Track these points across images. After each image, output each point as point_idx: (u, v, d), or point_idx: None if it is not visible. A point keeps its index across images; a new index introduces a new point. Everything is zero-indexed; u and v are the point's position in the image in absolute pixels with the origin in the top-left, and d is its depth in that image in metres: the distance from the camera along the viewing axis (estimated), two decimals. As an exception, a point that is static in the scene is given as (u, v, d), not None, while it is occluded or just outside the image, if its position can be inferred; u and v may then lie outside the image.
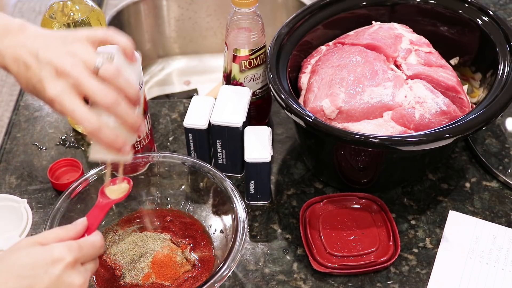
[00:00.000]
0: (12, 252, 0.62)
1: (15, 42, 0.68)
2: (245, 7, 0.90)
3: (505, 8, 1.29)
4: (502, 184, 0.94)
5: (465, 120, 0.80)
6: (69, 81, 0.65)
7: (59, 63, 0.65)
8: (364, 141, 0.78)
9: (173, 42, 1.43)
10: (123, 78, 0.67)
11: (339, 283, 0.82)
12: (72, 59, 0.65)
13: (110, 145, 0.66)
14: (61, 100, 0.65)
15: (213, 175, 0.83)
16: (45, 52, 0.66)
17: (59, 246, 0.62)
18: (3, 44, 0.68)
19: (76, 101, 0.65)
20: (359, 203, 0.90)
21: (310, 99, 0.88)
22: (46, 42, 0.67)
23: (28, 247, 0.62)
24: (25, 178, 0.97)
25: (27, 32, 0.69)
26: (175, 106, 1.10)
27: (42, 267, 0.60)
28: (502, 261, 0.84)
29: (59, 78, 0.65)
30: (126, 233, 0.85)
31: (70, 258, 0.61)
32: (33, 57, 0.66)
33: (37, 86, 0.66)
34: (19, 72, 0.68)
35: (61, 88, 0.65)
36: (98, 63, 0.66)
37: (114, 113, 0.66)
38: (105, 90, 0.65)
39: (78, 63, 0.65)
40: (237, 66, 0.95)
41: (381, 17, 1.00)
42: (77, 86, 0.65)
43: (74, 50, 0.66)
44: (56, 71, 0.65)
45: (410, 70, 0.88)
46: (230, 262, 0.73)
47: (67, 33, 0.69)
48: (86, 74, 0.65)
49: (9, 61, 0.68)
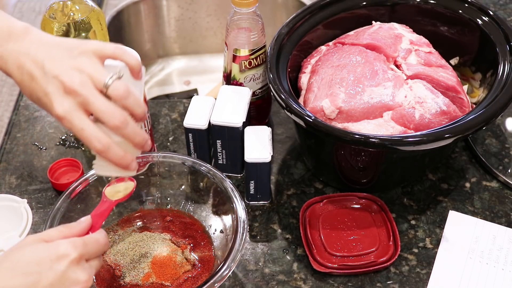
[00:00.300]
0: (17, 249, 0.62)
1: (18, 47, 0.66)
2: (245, 7, 0.90)
3: (505, 8, 1.29)
4: (502, 184, 0.94)
5: (465, 120, 0.80)
6: (77, 100, 0.63)
7: (67, 79, 0.63)
8: (364, 141, 0.78)
9: (173, 42, 1.43)
10: (132, 97, 0.65)
11: (339, 283, 0.82)
12: (80, 76, 0.63)
13: (118, 164, 0.66)
14: (70, 118, 0.63)
15: (213, 175, 0.83)
16: (52, 65, 0.64)
17: (64, 243, 0.62)
18: (5, 48, 0.67)
19: (85, 120, 0.64)
20: (359, 203, 0.90)
21: (310, 99, 0.88)
22: (52, 53, 0.65)
23: (32, 244, 0.62)
24: (25, 178, 0.97)
25: (30, 37, 0.67)
26: (175, 106, 1.10)
27: (47, 263, 0.60)
28: (502, 261, 0.84)
29: (67, 95, 0.63)
30: (126, 233, 0.85)
31: (75, 255, 0.61)
32: (39, 68, 0.64)
33: (43, 99, 0.65)
34: (22, 80, 0.66)
35: (69, 106, 0.63)
36: (107, 81, 0.64)
37: (121, 134, 0.65)
38: (114, 111, 0.63)
39: (86, 80, 0.63)
40: (237, 66, 0.95)
41: (381, 17, 1.00)
42: (85, 105, 0.63)
43: (82, 65, 0.64)
44: (64, 88, 0.63)
45: (410, 70, 0.88)
46: (230, 262, 0.73)
47: (73, 44, 0.67)
48: (95, 93, 0.63)
49: (12, 67, 0.66)
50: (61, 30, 0.91)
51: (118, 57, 0.67)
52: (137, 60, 0.67)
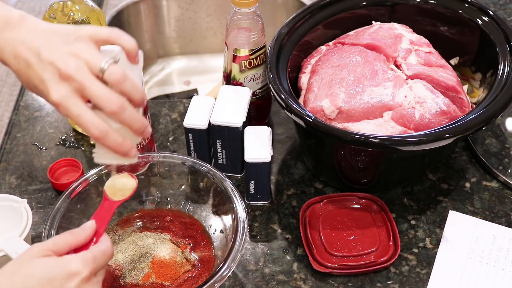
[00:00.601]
0: (26, 262, 0.60)
1: (15, 35, 0.66)
2: (245, 7, 0.90)
3: (505, 8, 1.29)
4: (502, 184, 0.94)
5: (465, 120, 0.80)
6: (73, 85, 0.63)
7: (62, 65, 0.63)
8: (364, 141, 0.78)
9: (173, 42, 1.43)
10: (129, 81, 0.64)
11: (339, 283, 0.82)
12: (76, 61, 0.63)
13: (117, 150, 0.65)
14: (66, 104, 0.63)
15: (213, 175, 0.83)
16: (47, 51, 0.64)
17: (75, 260, 0.61)
18: (1, 37, 0.66)
19: (81, 106, 0.63)
20: (359, 203, 0.90)
21: (310, 99, 0.88)
22: (48, 39, 0.65)
23: (42, 257, 0.61)
24: (25, 178, 0.97)
25: (27, 25, 0.66)
26: (175, 106, 1.10)
27: (58, 281, 0.59)
28: (502, 261, 0.84)
29: (63, 81, 0.63)
30: (126, 233, 0.85)
31: (86, 273, 0.61)
32: (35, 56, 0.64)
33: (39, 86, 0.64)
34: (19, 69, 0.66)
35: (65, 92, 0.63)
36: (103, 65, 0.63)
37: (119, 119, 0.64)
38: (110, 96, 0.63)
39: (82, 66, 0.63)
40: (237, 66, 0.95)
41: (381, 17, 1.00)
42: (81, 90, 0.63)
43: (78, 51, 0.64)
44: (59, 74, 0.63)
45: (410, 70, 0.88)
46: (230, 262, 0.73)
47: (69, 30, 0.66)
48: (90, 78, 0.63)
49: (9, 56, 0.66)
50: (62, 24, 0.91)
51: (113, 40, 0.66)
52: (133, 44, 0.67)
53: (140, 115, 0.66)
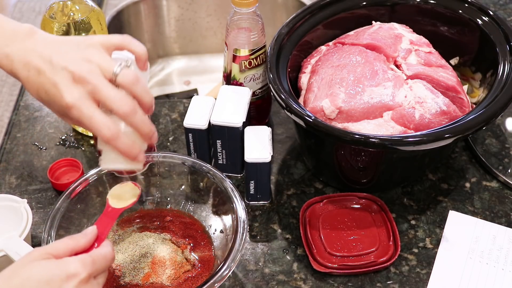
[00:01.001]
0: (25, 265, 0.61)
1: (25, 46, 0.66)
2: (245, 7, 0.90)
3: (505, 8, 1.29)
4: (502, 184, 0.94)
5: (465, 120, 0.80)
6: (86, 88, 0.63)
7: (76, 68, 0.63)
8: (364, 141, 0.78)
9: (173, 42, 1.43)
10: (141, 85, 0.65)
11: (339, 283, 0.82)
12: (89, 65, 0.64)
13: (126, 153, 0.65)
14: (80, 106, 0.63)
15: (213, 175, 0.83)
16: (59, 58, 0.64)
17: (74, 262, 0.61)
18: (11, 48, 0.66)
19: (94, 108, 0.64)
20: (359, 203, 0.90)
21: (310, 99, 0.88)
22: (58, 48, 0.66)
23: (41, 260, 0.61)
24: (25, 178, 0.97)
25: (36, 36, 0.67)
26: (175, 106, 1.10)
27: (56, 283, 0.59)
28: (502, 261, 0.84)
29: (76, 84, 0.63)
30: (126, 233, 0.85)
31: (85, 274, 0.61)
32: (46, 62, 0.64)
33: (51, 91, 0.64)
34: (29, 77, 0.66)
35: (78, 94, 0.63)
36: (116, 69, 0.64)
37: (130, 122, 0.65)
38: (123, 98, 0.64)
39: (95, 69, 0.64)
40: (237, 66, 0.95)
41: (381, 17, 1.00)
42: (94, 93, 0.63)
43: (90, 56, 0.64)
44: (73, 77, 0.63)
45: (410, 70, 0.88)
46: (230, 262, 0.73)
47: (79, 39, 0.67)
48: (104, 82, 0.64)
49: (19, 65, 0.66)
50: (61, 30, 0.91)
51: (125, 46, 0.67)
52: (143, 49, 0.68)
53: (149, 120, 0.67)
